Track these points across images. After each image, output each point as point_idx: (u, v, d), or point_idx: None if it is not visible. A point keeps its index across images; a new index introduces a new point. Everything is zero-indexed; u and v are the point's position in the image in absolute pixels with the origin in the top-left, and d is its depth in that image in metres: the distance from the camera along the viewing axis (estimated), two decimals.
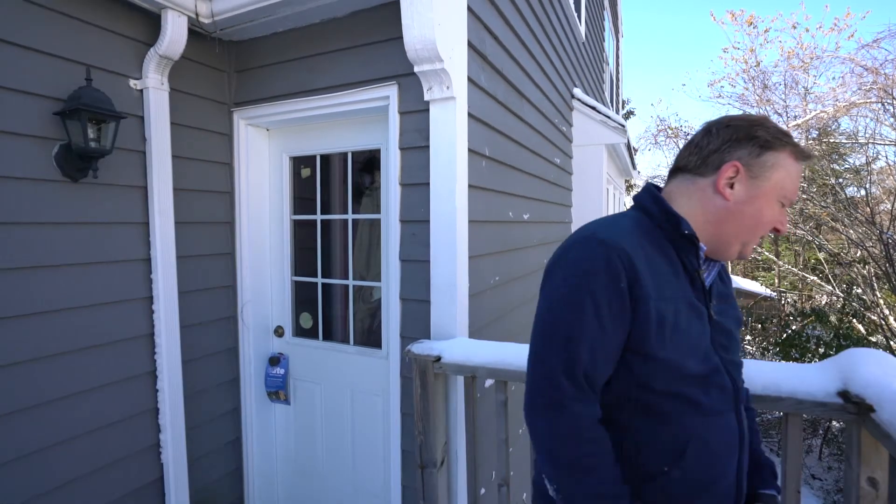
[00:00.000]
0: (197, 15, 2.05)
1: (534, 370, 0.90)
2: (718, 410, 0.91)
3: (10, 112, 1.62)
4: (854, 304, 8.70)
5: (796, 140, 1.05)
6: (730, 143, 0.92)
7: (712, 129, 0.96)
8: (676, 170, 1.01)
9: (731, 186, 0.92)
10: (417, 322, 2.02)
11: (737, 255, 0.96)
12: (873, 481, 1.18)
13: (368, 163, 2.63)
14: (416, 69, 1.83)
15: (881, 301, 8.65)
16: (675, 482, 0.87)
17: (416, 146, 1.98)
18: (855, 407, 1.18)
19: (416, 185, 1.99)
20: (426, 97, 1.89)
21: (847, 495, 1.24)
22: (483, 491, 2.07)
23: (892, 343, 7.95)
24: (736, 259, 0.98)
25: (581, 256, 0.88)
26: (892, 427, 1.03)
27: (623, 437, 0.89)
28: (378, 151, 2.29)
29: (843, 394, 1.20)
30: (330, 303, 2.57)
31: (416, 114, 1.97)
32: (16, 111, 1.64)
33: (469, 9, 1.98)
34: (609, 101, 8.15)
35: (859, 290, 9.01)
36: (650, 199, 0.98)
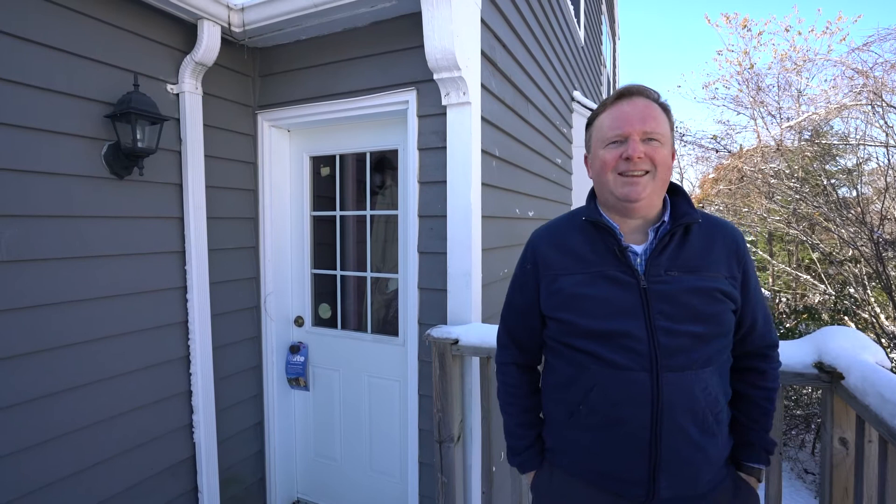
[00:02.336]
0: (230, 25, 2.21)
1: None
2: (623, 366, 1.03)
3: (66, 114, 1.78)
4: (846, 302, 8.91)
5: (605, 102, 1.12)
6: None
7: None
8: None
9: (589, 167, 1.18)
10: (434, 310, 2.18)
11: (616, 195, 1.07)
12: (844, 441, 1.35)
13: (382, 162, 2.79)
14: (435, 76, 1.99)
15: (872, 299, 8.86)
16: (585, 417, 1.10)
17: (434, 147, 2.14)
18: (828, 375, 1.35)
19: (434, 183, 2.15)
20: (444, 102, 2.05)
21: (822, 456, 1.41)
22: (494, 468, 2.23)
23: (882, 340, 8.16)
24: (624, 199, 1.06)
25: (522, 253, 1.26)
26: (857, 391, 1.20)
27: (553, 377, 1.19)
28: (392, 152, 2.45)
29: (818, 364, 1.37)
30: (347, 294, 2.72)
31: (433, 117, 2.13)
32: (71, 114, 1.79)
33: (482, 21, 2.15)
34: None
35: (851, 289, 9.22)
36: (588, 193, 1.20)
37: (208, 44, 2.13)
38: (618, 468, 1.07)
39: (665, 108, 1.10)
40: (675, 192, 1.15)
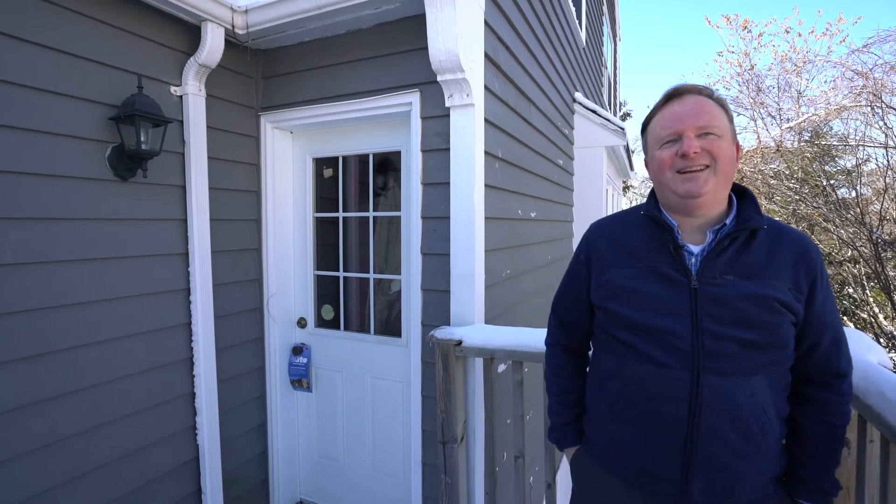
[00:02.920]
0: (233, 27, 2.22)
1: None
2: (663, 363, 1.03)
3: (69, 116, 1.78)
4: (845, 302, 8.93)
5: (657, 104, 1.12)
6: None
7: None
8: None
9: (649, 170, 1.17)
10: (437, 311, 2.18)
11: (677, 193, 1.05)
12: (846, 441, 1.36)
13: (382, 164, 2.79)
14: (438, 78, 1.99)
15: (871, 299, 8.87)
16: (623, 410, 1.11)
17: (437, 148, 2.14)
18: None
19: (437, 185, 2.16)
20: (447, 104, 2.05)
21: None
22: (498, 469, 2.24)
23: (881, 339, 8.17)
24: (686, 195, 1.04)
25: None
26: (859, 390, 1.20)
27: (597, 369, 1.22)
28: (394, 153, 2.46)
29: None
30: (350, 295, 2.73)
31: (436, 119, 2.14)
32: (74, 116, 1.79)
33: (486, 22, 2.15)
34: (607, 104, 8.35)
35: (850, 289, 9.23)
36: (649, 193, 1.19)
37: (212, 45, 2.13)
38: (651, 464, 1.07)
39: (721, 103, 1.08)
40: (742, 195, 1.12)
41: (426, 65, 2.03)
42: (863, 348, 1.30)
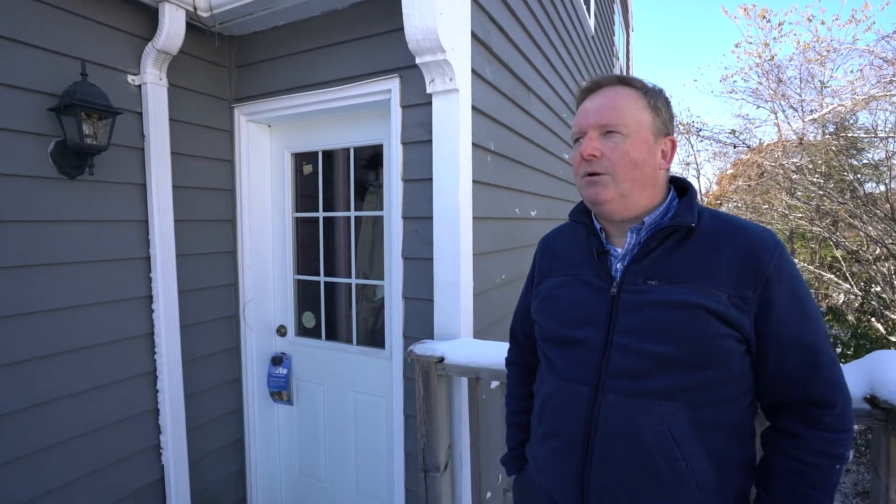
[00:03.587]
0: (195, 8, 2.02)
1: None
2: (569, 377, 0.96)
3: (3, 107, 1.59)
4: (873, 302, 8.49)
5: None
6: None
7: None
8: None
9: None
10: (421, 321, 1.96)
11: (587, 196, 0.95)
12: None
13: (373, 159, 2.57)
14: (417, 60, 1.77)
15: None
16: (539, 427, 1.05)
17: (419, 140, 1.92)
18: (883, 413, 1.10)
19: (419, 181, 1.93)
20: (428, 90, 1.83)
21: None
22: (489, 495, 2.01)
23: None
24: (590, 202, 0.95)
25: None
26: None
27: (536, 384, 1.14)
28: (377, 147, 2.24)
29: (871, 399, 1.12)
30: (333, 302, 2.52)
31: (418, 107, 1.91)
32: (9, 107, 1.61)
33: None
34: None
35: (878, 289, 8.79)
36: None
37: (170, 29, 1.93)
38: (557, 488, 0.99)
39: (645, 92, 0.94)
40: (684, 190, 0.99)
41: (406, 47, 1.80)
42: None
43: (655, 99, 0.94)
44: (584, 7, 4.58)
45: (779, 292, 0.84)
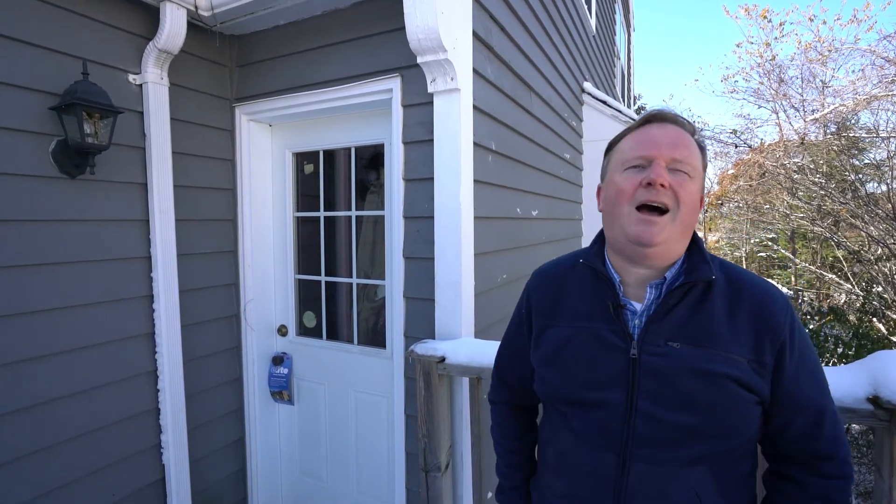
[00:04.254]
0: (196, 7, 2.01)
1: None
2: (591, 442, 0.89)
3: (5, 107, 1.59)
4: (874, 302, 8.47)
5: (633, 125, 0.92)
6: None
7: None
8: None
9: (601, 200, 0.97)
10: (422, 321, 1.96)
11: (627, 235, 0.85)
12: None
13: (374, 158, 2.57)
14: (418, 60, 1.76)
15: None
16: (553, 482, 0.99)
17: (420, 140, 1.92)
18: (886, 414, 1.10)
19: (420, 181, 1.93)
20: (430, 89, 1.82)
21: None
22: (490, 495, 2.01)
23: None
24: (636, 241, 0.83)
25: None
26: None
27: (541, 430, 1.08)
28: (379, 146, 2.24)
29: (874, 399, 1.12)
30: (334, 301, 2.52)
31: (419, 106, 1.91)
32: (10, 106, 1.61)
33: None
34: (620, 96, 8.02)
35: (879, 289, 8.77)
36: (598, 233, 1.00)
37: (171, 28, 1.93)
38: None
39: (700, 145, 0.89)
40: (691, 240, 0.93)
41: (407, 47, 1.80)
42: None
43: (705, 154, 0.91)
44: (586, 6, 4.58)
45: (792, 356, 0.84)
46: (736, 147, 11.82)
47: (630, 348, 0.86)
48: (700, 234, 0.83)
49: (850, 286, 9.78)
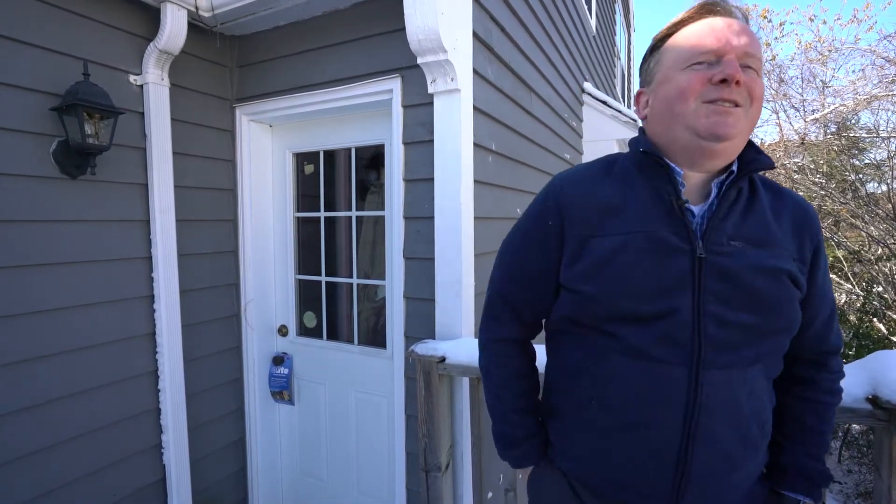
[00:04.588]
0: (197, 8, 2.02)
1: (486, 295, 1.07)
2: (656, 357, 0.81)
3: (6, 108, 1.60)
4: (874, 302, 8.47)
5: (684, 17, 0.84)
6: (639, 77, 0.94)
7: None
8: None
9: (645, 106, 0.90)
10: (422, 321, 1.96)
11: (698, 130, 0.78)
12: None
13: (374, 159, 2.57)
14: (419, 60, 1.77)
15: None
16: (597, 416, 0.88)
17: (420, 140, 1.92)
18: (885, 413, 1.10)
19: (421, 181, 1.93)
20: (430, 90, 1.83)
21: None
22: (490, 495, 2.01)
23: None
24: (710, 135, 0.77)
25: (535, 200, 0.97)
26: None
27: (559, 366, 0.97)
28: (379, 146, 2.24)
29: (873, 399, 1.12)
30: (334, 301, 2.52)
31: (419, 107, 1.91)
32: (12, 107, 1.61)
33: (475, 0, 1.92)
34: (620, 96, 8.02)
35: (880, 289, 8.77)
36: (633, 139, 0.92)
37: (172, 29, 1.94)
38: (637, 479, 0.86)
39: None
40: None
41: (408, 47, 1.80)
42: None
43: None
44: (585, 7, 4.58)
45: (822, 258, 0.89)
46: None
47: (696, 249, 0.81)
48: None
49: (850, 286, 9.78)
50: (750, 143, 0.85)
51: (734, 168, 0.84)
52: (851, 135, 9.22)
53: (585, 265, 0.86)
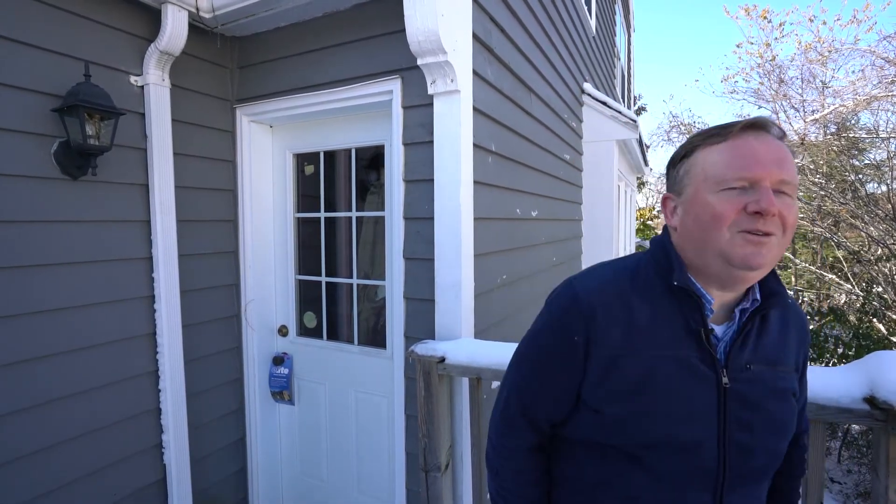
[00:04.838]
0: (197, 9, 2.02)
1: (498, 397, 1.02)
2: (680, 484, 0.80)
3: (7, 108, 1.60)
4: (874, 302, 8.48)
5: (720, 130, 0.80)
6: (666, 178, 0.91)
7: None
8: None
9: (673, 213, 0.86)
10: (422, 322, 1.97)
11: (729, 258, 0.76)
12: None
13: (374, 159, 2.58)
14: (419, 62, 1.77)
15: None
16: None
17: (420, 141, 1.93)
18: (882, 413, 1.11)
19: (420, 182, 1.94)
20: (430, 91, 1.83)
21: None
22: (489, 496, 2.01)
23: None
24: (742, 265, 0.75)
25: (553, 307, 0.90)
26: None
27: (573, 471, 0.92)
28: (379, 147, 2.25)
29: (870, 399, 1.13)
30: (334, 302, 2.53)
31: (419, 108, 1.92)
32: (13, 108, 1.62)
33: (475, 1, 1.92)
34: (621, 97, 8.03)
35: (880, 289, 8.78)
36: (658, 243, 0.88)
37: (173, 30, 1.94)
38: None
39: (791, 152, 0.82)
40: None
41: (408, 48, 1.81)
42: None
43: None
44: (585, 7, 4.59)
45: (807, 356, 0.93)
46: None
47: (720, 377, 0.80)
48: None
49: (850, 286, 9.78)
50: (773, 272, 0.85)
51: (757, 296, 0.84)
52: (851, 135, 9.23)
53: (613, 385, 0.83)
